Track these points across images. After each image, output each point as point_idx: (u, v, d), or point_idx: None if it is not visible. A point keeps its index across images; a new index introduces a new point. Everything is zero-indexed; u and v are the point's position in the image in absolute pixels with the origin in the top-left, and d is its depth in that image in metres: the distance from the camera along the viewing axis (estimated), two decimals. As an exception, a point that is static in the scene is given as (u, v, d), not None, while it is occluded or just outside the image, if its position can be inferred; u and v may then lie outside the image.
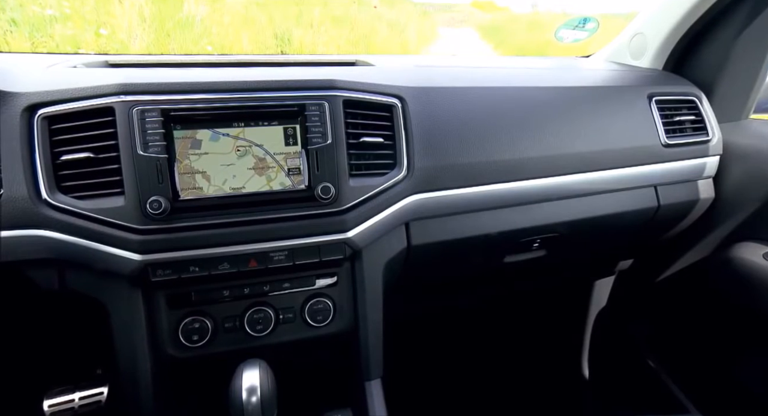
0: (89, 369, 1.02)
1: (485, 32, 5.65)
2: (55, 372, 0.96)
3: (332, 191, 0.66)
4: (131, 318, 0.63)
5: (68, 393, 0.94)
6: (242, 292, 0.69)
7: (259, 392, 0.55)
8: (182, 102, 0.63)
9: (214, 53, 3.19)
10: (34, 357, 0.93)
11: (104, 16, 3.26)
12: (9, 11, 2.61)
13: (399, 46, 5.11)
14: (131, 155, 0.60)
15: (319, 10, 4.74)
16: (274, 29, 4.32)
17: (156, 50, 3.46)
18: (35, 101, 0.60)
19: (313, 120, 0.67)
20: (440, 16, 6.07)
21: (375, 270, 0.72)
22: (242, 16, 4.24)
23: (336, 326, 0.72)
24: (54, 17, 2.82)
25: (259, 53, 1.66)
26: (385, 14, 5.35)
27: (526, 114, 0.82)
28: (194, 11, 3.79)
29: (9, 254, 0.58)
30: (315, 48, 4.50)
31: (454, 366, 1.24)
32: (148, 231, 0.61)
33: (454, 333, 1.27)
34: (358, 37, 4.99)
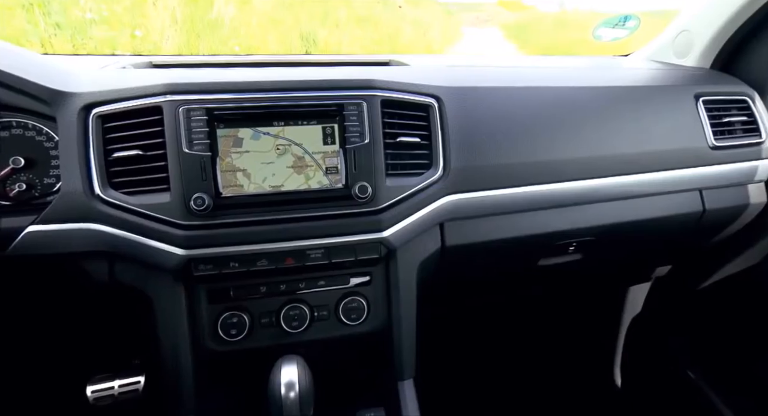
0: (127, 359, 1.06)
1: (510, 32, 5.57)
2: (96, 360, 1.00)
3: (369, 191, 0.66)
4: (174, 310, 0.65)
5: (109, 381, 0.98)
6: (278, 289, 0.70)
7: (297, 387, 0.56)
8: (226, 101, 0.64)
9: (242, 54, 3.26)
10: (79, 346, 0.98)
11: (139, 18, 3.37)
12: (54, 16, 2.73)
13: (423, 46, 5.10)
14: (177, 152, 0.62)
15: (345, 11, 4.77)
16: (300, 30, 4.38)
17: (186, 51, 3.55)
18: (91, 101, 0.62)
19: (352, 119, 0.67)
20: (465, 16, 6.03)
21: (409, 270, 0.72)
22: (269, 17, 4.31)
23: (369, 325, 0.72)
24: (93, 20, 2.94)
25: (285, 53, 1.64)
26: (409, 14, 5.34)
27: (563, 114, 0.81)
28: (223, 12, 3.88)
29: (65, 246, 0.61)
30: (339, 48, 4.53)
31: (485, 368, 1.22)
32: (192, 227, 0.63)
33: (485, 334, 1.25)
34: (383, 37, 5.00)
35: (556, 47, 4.08)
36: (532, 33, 5.11)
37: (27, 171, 0.69)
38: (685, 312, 1.18)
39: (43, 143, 0.71)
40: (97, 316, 0.88)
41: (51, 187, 0.70)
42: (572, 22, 5.00)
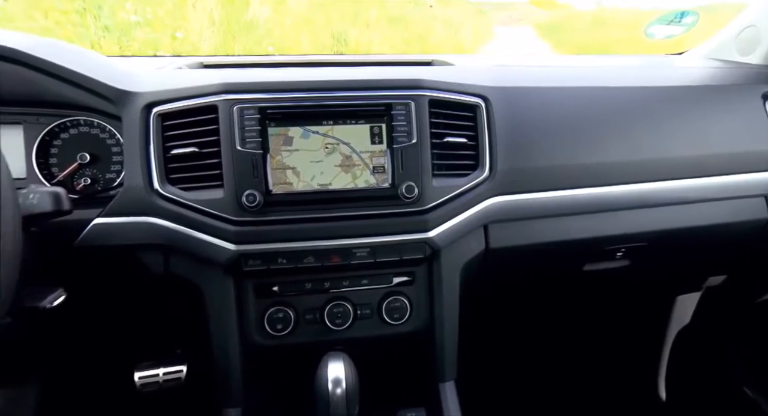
0: (170, 348, 1.10)
1: (543, 31, 5.43)
2: (142, 348, 1.04)
3: (416, 191, 0.66)
4: (224, 303, 0.67)
5: (154, 368, 1.02)
6: (323, 286, 0.71)
7: (344, 384, 0.57)
8: (277, 100, 0.66)
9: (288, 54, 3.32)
10: (128, 334, 1.02)
11: (179, 20, 3.49)
12: (103, 19, 2.88)
13: (454, 45, 5.05)
14: (231, 150, 0.64)
15: (376, 11, 4.79)
16: (331, 30, 4.42)
17: (222, 51, 3.66)
18: (152, 100, 0.65)
19: (399, 119, 0.67)
20: (496, 15, 5.93)
21: (452, 271, 0.72)
22: (302, 17, 4.38)
23: (412, 325, 0.72)
24: (138, 23, 3.07)
25: (317, 53, 1.64)
26: (440, 14, 5.30)
27: (614, 115, 0.78)
28: (258, 14, 3.97)
29: (126, 238, 0.64)
30: (370, 48, 4.55)
31: (526, 372, 1.20)
32: (243, 223, 0.64)
33: (527, 338, 1.23)
34: (413, 36, 4.99)
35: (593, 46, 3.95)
36: (567, 32, 4.96)
37: (91, 167, 0.73)
38: (742, 325, 1.11)
39: (106, 140, 0.74)
40: (147, 306, 0.92)
41: (111, 182, 0.74)
42: (610, 20, 4.82)
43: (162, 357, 1.07)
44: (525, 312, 1.15)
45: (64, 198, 0.51)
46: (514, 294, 1.03)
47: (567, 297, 1.10)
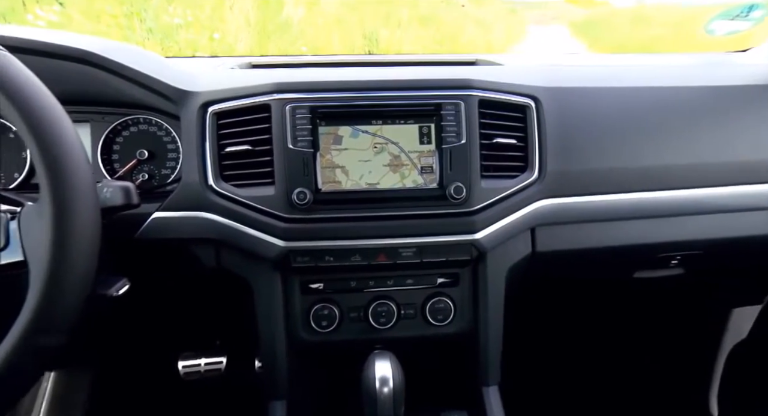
0: (211, 340, 1.14)
1: (578, 29, 5.27)
2: (185, 338, 1.09)
3: (464, 192, 0.66)
4: (271, 299, 0.69)
5: (196, 358, 1.06)
6: (367, 284, 0.71)
7: (391, 383, 0.57)
8: (328, 100, 0.67)
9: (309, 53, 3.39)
10: (175, 324, 1.06)
11: (217, 22, 3.60)
12: (148, 22, 3.01)
13: (485, 45, 4.98)
14: (282, 148, 0.65)
15: (407, 11, 4.78)
16: (362, 30, 4.45)
17: (257, 51, 3.75)
18: (209, 99, 0.67)
19: (449, 119, 0.67)
20: (529, 14, 5.81)
21: (498, 274, 0.71)
22: (334, 18, 4.43)
23: (455, 326, 0.71)
24: (179, 25, 3.18)
25: (348, 53, 1.64)
26: (472, 13, 5.24)
27: (671, 116, 0.75)
28: (292, 14, 4.04)
29: (182, 232, 0.66)
30: (401, 47, 4.55)
31: (571, 380, 1.17)
32: (292, 220, 0.66)
33: (572, 345, 1.19)
34: (444, 36, 4.96)
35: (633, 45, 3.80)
36: (604, 29, 4.79)
37: (148, 163, 0.76)
38: None
39: (162, 137, 0.78)
40: (195, 298, 0.95)
41: (167, 178, 0.77)
42: (652, 17, 4.62)
43: (203, 347, 1.11)
44: (571, 318, 1.12)
45: (134, 193, 0.54)
46: (560, 299, 1.00)
47: (615, 304, 1.06)
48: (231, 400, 1.10)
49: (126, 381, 1.10)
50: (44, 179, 0.41)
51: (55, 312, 0.40)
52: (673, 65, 0.88)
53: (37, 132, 0.41)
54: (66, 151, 0.42)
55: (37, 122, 0.41)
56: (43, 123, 0.41)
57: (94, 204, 0.44)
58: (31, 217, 0.43)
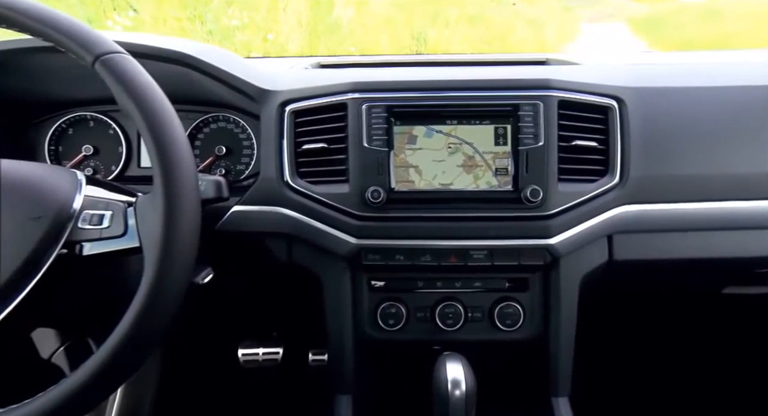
0: (269, 331, 1.18)
1: (639, 26, 4.98)
2: (245, 329, 1.13)
3: (540, 195, 0.64)
4: (340, 295, 0.70)
5: (255, 347, 1.10)
6: (435, 285, 0.71)
7: (463, 386, 0.56)
8: (404, 100, 0.67)
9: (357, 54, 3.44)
10: (238, 313, 1.11)
11: (271, 23, 3.73)
12: (208, 24, 3.17)
13: (536, 44, 4.83)
14: (357, 146, 0.66)
15: (456, 10, 4.73)
16: (410, 30, 4.46)
17: (308, 51, 3.84)
18: (287, 98, 0.69)
19: (526, 121, 0.65)
20: (585, 11, 5.57)
21: (571, 282, 0.68)
22: (383, 18, 4.46)
23: (524, 332, 0.70)
24: (236, 27, 3.33)
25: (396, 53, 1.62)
26: (523, 11, 5.10)
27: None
28: (342, 15, 4.11)
29: (258, 226, 0.69)
30: (449, 47, 4.51)
31: (647, 397, 1.11)
32: (365, 218, 0.66)
33: (649, 360, 1.13)
34: (493, 36, 4.86)
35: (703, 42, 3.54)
36: (669, 26, 4.49)
37: (225, 158, 0.80)
38: None
39: (239, 134, 0.81)
40: (258, 289, 0.99)
41: (241, 173, 0.81)
42: (726, 11, 4.27)
43: (261, 337, 1.15)
44: (648, 332, 1.06)
45: (225, 187, 0.57)
46: (637, 311, 0.95)
47: (699, 321, 0.99)
48: (287, 390, 1.14)
49: (189, 365, 1.16)
50: (158, 173, 0.44)
51: (166, 292, 0.43)
52: (764, 62, 0.81)
53: (155, 131, 0.44)
54: (177, 148, 0.45)
55: (155, 121, 0.44)
56: (159, 122, 0.44)
57: (197, 196, 0.47)
58: (145, 207, 0.46)
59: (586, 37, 5.11)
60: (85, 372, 0.41)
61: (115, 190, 0.51)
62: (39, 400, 0.41)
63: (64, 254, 0.44)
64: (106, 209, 0.47)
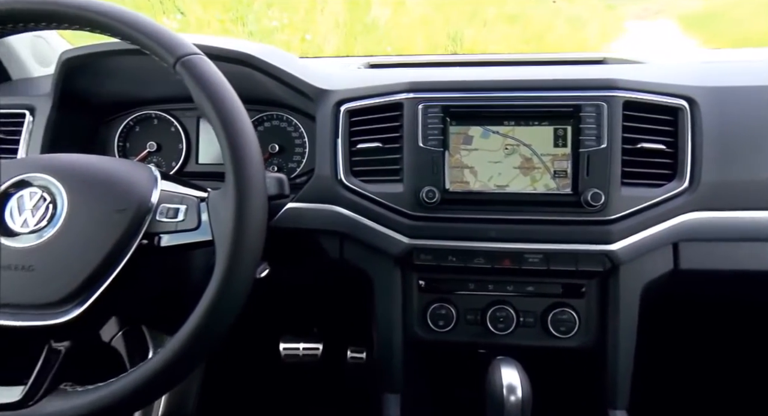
0: (309, 326, 1.20)
1: (690, 23, 4.72)
2: (286, 323, 1.16)
3: (602, 199, 0.62)
4: (390, 294, 0.70)
5: (296, 342, 1.13)
6: (486, 287, 0.70)
7: (519, 392, 0.55)
8: (461, 100, 0.66)
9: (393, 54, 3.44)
10: (282, 308, 1.13)
11: (309, 23, 3.80)
12: (249, 25, 3.27)
13: (578, 43, 4.68)
14: (413, 146, 0.66)
15: (494, 9, 4.65)
16: (447, 29, 4.41)
17: (344, 52, 3.88)
18: (343, 97, 0.70)
19: (588, 122, 0.63)
20: (630, 9, 5.33)
21: (632, 290, 0.66)
22: (420, 18, 4.44)
23: (578, 340, 0.67)
24: (276, 28, 3.41)
25: (432, 52, 1.58)
26: (564, 10, 4.95)
27: None
28: (379, 15, 4.13)
29: (311, 223, 0.70)
30: (486, 47, 4.44)
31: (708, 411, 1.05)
32: (418, 218, 0.66)
33: (716, 376, 1.07)
34: (531, 35, 4.74)
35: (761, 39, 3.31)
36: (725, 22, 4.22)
37: (278, 156, 0.82)
38: None
39: (291, 133, 0.83)
40: (303, 285, 1.01)
41: (293, 171, 0.82)
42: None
43: (302, 332, 1.17)
44: (713, 346, 1.00)
45: (287, 184, 0.58)
46: (703, 323, 0.90)
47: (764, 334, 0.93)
48: (327, 386, 1.16)
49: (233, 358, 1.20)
50: (230, 171, 0.46)
51: (236, 283, 0.44)
52: None
53: (228, 130, 0.46)
54: (249, 148, 0.47)
55: (229, 121, 0.46)
56: (233, 122, 0.46)
57: (265, 194, 0.48)
58: (217, 202, 0.48)
59: (631, 35, 4.89)
60: (162, 358, 0.44)
61: (187, 185, 0.53)
62: (121, 381, 0.43)
63: (144, 244, 0.47)
64: (180, 203, 0.49)
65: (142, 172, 0.51)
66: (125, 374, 0.44)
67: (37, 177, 0.47)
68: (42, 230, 0.45)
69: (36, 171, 0.47)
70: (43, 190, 0.46)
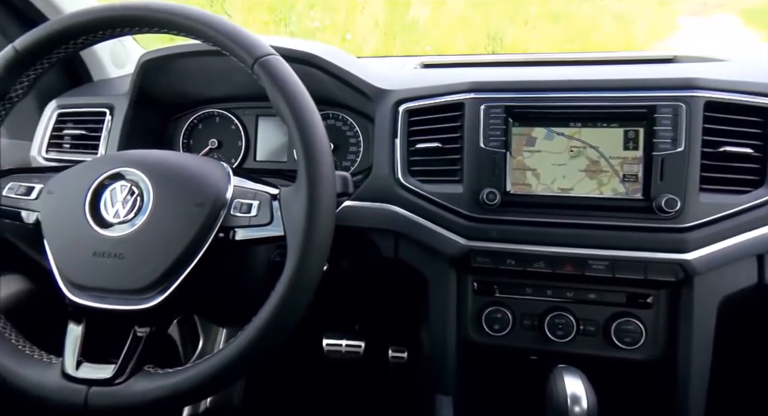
0: (351, 323, 1.21)
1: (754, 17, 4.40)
2: (328, 319, 1.18)
3: (678, 205, 0.58)
4: (445, 295, 0.70)
5: (339, 339, 1.14)
6: (544, 293, 0.68)
7: (584, 403, 0.53)
8: (525, 100, 0.65)
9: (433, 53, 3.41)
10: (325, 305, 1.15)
11: (349, 24, 3.84)
12: (290, 26, 3.34)
13: (625, 41, 4.47)
14: (474, 147, 0.65)
15: (536, 7, 4.52)
16: (487, 29, 4.34)
17: (383, 52, 3.90)
18: (403, 97, 0.70)
19: (664, 123, 0.60)
20: (684, 5, 5.05)
21: (708, 303, 0.62)
22: (459, 17, 4.39)
23: (645, 353, 0.64)
24: (317, 28, 3.47)
25: (473, 52, 1.52)
26: (611, 7, 4.75)
27: None
28: (418, 15, 4.12)
29: (367, 221, 0.71)
30: (527, 47, 4.33)
31: None
32: (477, 219, 0.65)
33: None
34: (575, 34, 4.57)
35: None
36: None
37: (333, 155, 0.83)
38: None
39: (346, 132, 0.84)
40: (350, 283, 1.02)
41: (346, 170, 0.83)
42: None
43: (344, 329, 1.19)
44: None
45: (351, 183, 0.59)
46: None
47: None
48: (369, 384, 1.16)
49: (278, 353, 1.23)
50: (303, 168, 0.47)
51: (307, 277, 0.46)
52: None
53: (303, 130, 0.47)
54: (321, 147, 0.48)
55: (304, 121, 0.47)
56: (307, 122, 0.47)
57: (335, 191, 0.49)
58: (289, 198, 0.49)
59: (685, 32, 4.62)
60: (237, 347, 0.45)
61: (258, 181, 0.55)
62: (198, 367, 0.45)
63: (220, 237, 0.49)
64: (253, 199, 0.51)
65: (216, 168, 0.53)
66: (202, 360, 0.46)
67: (129, 171, 0.49)
68: (131, 221, 0.48)
69: (128, 166, 0.50)
70: (132, 183, 0.49)
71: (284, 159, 0.86)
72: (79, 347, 0.46)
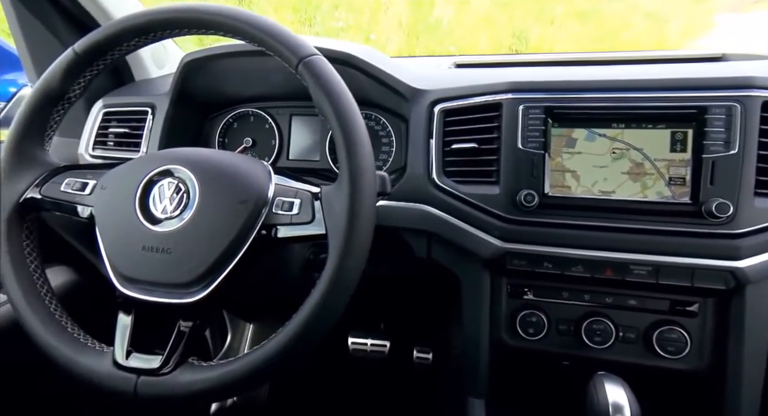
0: (376, 322, 1.21)
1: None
2: (355, 319, 1.18)
3: (730, 210, 0.56)
4: (479, 297, 0.69)
5: (364, 338, 1.14)
6: (581, 297, 0.67)
7: (627, 412, 0.52)
8: (565, 100, 0.63)
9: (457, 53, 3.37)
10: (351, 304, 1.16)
11: (373, 24, 3.85)
12: (315, 26, 3.37)
13: (657, 40, 4.32)
14: (511, 148, 0.64)
15: (563, 6, 4.42)
16: (512, 28, 4.27)
17: (406, 52, 3.89)
18: (438, 97, 0.70)
19: (716, 125, 0.58)
20: (722, 1, 4.84)
21: (761, 314, 0.59)
22: (483, 16, 4.34)
23: (689, 363, 0.62)
24: (341, 28, 3.49)
25: (496, 52, 1.47)
26: (643, 5, 4.59)
27: None
28: (442, 15, 4.09)
29: (400, 221, 0.70)
30: (552, 46, 4.24)
31: None
32: (514, 221, 0.64)
33: None
34: (604, 33, 4.45)
35: None
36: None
37: None
38: None
39: (379, 131, 0.84)
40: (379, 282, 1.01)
41: (379, 170, 0.83)
42: None
43: (369, 328, 1.19)
44: None
45: (389, 182, 0.59)
46: None
47: None
48: (394, 384, 1.16)
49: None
50: (345, 167, 0.47)
51: (348, 275, 0.46)
52: None
53: (345, 130, 0.47)
54: (364, 147, 0.48)
55: (347, 121, 0.47)
56: (350, 122, 0.48)
57: (375, 190, 0.49)
58: (330, 197, 0.49)
59: (723, 29, 4.44)
60: (278, 343, 0.46)
61: (297, 179, 0.56)
62: (240, 361, 0.46)
63: (263, 235, 0.49)
64: (295, 197, 0.51)
65: (258, 166, 0.54)
66: (243, 355, 0.46)
67: (177, 169, 0.51)
68: (177, 217, 0.49)
69: (176, 163, 0.51)
70: (179, 180, 0.50)
71: (317, 158, 0.86)
72: (129, 337, 0.48)
